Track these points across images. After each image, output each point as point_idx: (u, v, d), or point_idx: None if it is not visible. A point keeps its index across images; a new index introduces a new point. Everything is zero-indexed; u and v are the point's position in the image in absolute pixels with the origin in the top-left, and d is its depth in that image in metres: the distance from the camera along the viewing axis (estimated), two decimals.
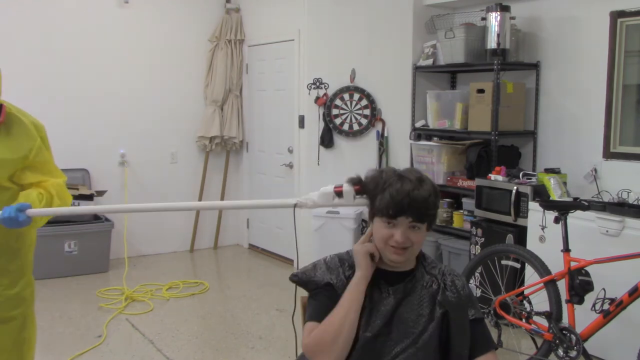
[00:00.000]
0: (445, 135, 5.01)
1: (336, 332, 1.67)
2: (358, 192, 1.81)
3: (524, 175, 4.25)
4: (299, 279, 1.83)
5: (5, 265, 2.29)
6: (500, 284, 3.87)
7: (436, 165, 4.96)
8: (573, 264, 3.26)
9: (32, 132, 2.28)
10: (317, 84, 5.46)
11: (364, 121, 5.38)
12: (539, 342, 3.42)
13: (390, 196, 1.68)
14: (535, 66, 4.62)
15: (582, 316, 3.24)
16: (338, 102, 5.40)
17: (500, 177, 4.34)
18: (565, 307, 3.27)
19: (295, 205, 1.92)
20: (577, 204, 3.52)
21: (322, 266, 1.82)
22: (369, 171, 1.82)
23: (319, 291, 1.77)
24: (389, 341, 1.70)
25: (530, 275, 3.62)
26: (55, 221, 5.03)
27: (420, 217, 1.69)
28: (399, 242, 1.69)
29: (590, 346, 3.22)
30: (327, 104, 5.42)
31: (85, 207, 2.63)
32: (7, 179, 2.25)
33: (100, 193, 5.58)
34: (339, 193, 1.84)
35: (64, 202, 2.37)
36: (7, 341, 2.31)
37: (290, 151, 5.82)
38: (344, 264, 1.81)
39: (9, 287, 2.30)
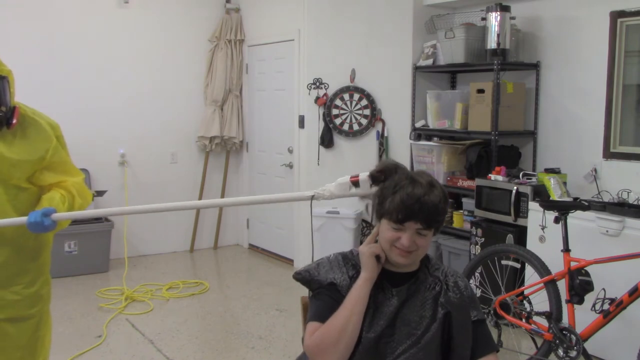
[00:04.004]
0: (445, 135, 5.01)
1: (339, 333, 1.66)
2: (375, 180, 1.79)
3: (524, 175, 4.25)
4: (302, 277, 1.82)
5: (24, 265, 2.35)
6: (500, 284, 3.87)
7: (436, 165, 4.96)
8: (573, 264, 3.26)
9: (48, 133, 2.32)
10: (317, 84, 5.46)
11: (364, 121, 5.38)
12: (539, 342, 3.42)
13: (401, 200, 1.67)
14: (535, 66, 4.62)
15: (582, 316, 3.24)
16: (338, 102, 5.40)
17: (500, 177, 4.34)
18: (565, 307, 3.27)
19: (312, 197, 1.90)
20: (577, 204, 3.52)
21: (325, 265, 1.81)
22: (387, 164, 1.80)
23: (322, 291, 1.76)
24: (391, 342, 1.69)
25: (530, 275, 3.63)
26: None
27: (429, 223, 1.68)
28: (405, 246, 1.68)
29: (590, 346, 3.22)
30: (327, 104, 5.42)
31: (103, 210, 2.81)
32: (25, 180, 2.29)
33: (100, 193, 5.59)
34: (355, 182, 1.83)
35: (85, 200, 2.45)
36: (23, 338, 2.36)
37: (290, 151, 5.82)
38: (348, 263, 1.80)
39: (29, 286, 2.36)
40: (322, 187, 1.91)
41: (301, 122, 5.61)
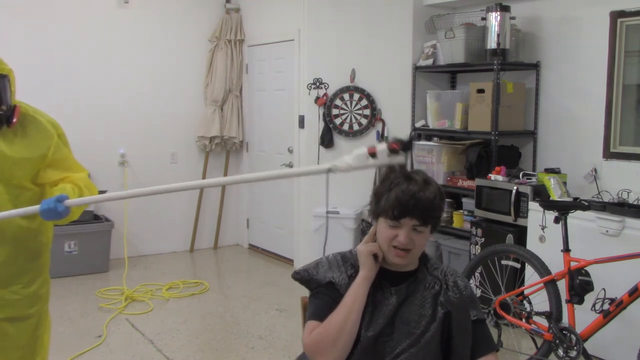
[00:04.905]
0: (445, 135, 5.01)
1: (338, 332, 1.67)
2: (393, 151, 1.72)
3: (524, 175, 4.26)
4: (300, 277, 1.82)
5: (24, 264, 2.35)
6: (500, 284, 3.87)
7: (436, 165, 4.96)
8: (573, 264, 3.26)
9: (49, 130, 2.33)
10: (317, 84, 5.46)
11: (364, 121, 5.38)
12: (539, 342, 3.42)
13: (396, 197, 1.68)
14: (535, 66, 4.62)
15: (582, 316, 3.24)
16: (338, 102, 5.40)
17: (500, 177, 4.34)
18: (565, 307, 3.27)
19: (329, 171, 1.82)
20: (577, 204, 3.52)
21: (324, 264, 1.82)
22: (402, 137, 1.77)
23: (321, 290, 1.77)
24: (390, 341, 1.70)
25: (530, 275, 3.63)
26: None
27: (425, 219, 1.69)
28: (402, 243, 1.69)
29: (590, 346, 3.22)
30: (327, 104, 5.42)
31: (115, 194, 2.63)
32: (28, 180, 2.29)
33: (101, 193, 5.58)
34: (372, 154, 1.75)
35: (92, 193, 2.44)
36: (23, 338, 2.37)
37: (290, 151, 5.82)
38: (347, 262, 1.81)
39: (28, 286, 2.36)
40: (339, 160, 1.83)
41: (301, 122, 5.61)
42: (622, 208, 3.62)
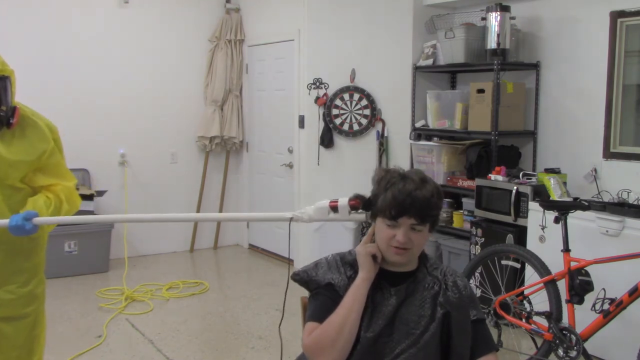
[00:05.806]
0: (445, 135, 5.00)
1: (337, 333, 1.67)
2: (353, 207, 1.83)
3: (524, 175, 4.25)
4: (300, 278, 1.83)
5: (20, 264, 2.37)
6: (500, 284, 3.87)
7: (436, 165, 4.96)
8: (573, 264, 3.26)
9: (46, 135, 2.34)
10: (317, 84, 5.46)
11: (364, 121, 5.37)
12: (539, 342, 3.42)
13: (393, 196, 1.68)
14: (535, 66, 4.61)
15: (582, 316, 3.24)
16: (338, 102, 5.40)
17: (500, 177, 4.34)
18: (565, 307, 3.27)
19: (291, 219, 1.95)
20: (577, 204, 3.52)
21: (323, 265, 1.82)
22: (377, 170, 1.82)
23: (320, 291, 1.77)
24: (390, 342, 1.69)
25: (530, 275, 3.62)
26: None
27: (422, 217, 1.69)
28: (401, 242, 1.68)
29: (590, 346, 3.22)
30: (327, 104, 5.41)
31: (88, 217, 2.66)
32: (19, 181, 2.30)
33: (100, 193, 5.59)
34: (334, 208, 1.87)
35: (73, 206, 2.45)
36: (20, 338, 2.39)
37: (290, 151, 5.82)
38: (346, 263, 1.81)
39: (24, 285, 2.38)
40: (301, 210, 1.97)
41: (301, 122, 5.61)
42: (622, 208, 3.62)
